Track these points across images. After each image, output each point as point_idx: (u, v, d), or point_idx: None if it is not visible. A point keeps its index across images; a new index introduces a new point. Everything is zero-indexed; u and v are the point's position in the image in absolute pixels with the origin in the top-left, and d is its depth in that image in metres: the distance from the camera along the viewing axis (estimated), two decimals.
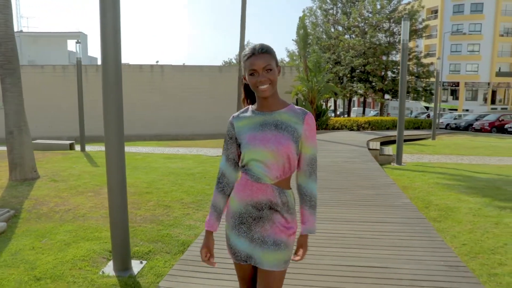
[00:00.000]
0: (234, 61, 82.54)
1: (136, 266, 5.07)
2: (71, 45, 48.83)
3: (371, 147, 15.48)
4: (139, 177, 10.30)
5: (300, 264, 4.24)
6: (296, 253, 2.33)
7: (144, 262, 5.19)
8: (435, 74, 40.93)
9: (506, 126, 32.49)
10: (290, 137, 2.23)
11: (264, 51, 2.20)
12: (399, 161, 13.33)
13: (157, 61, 30.67)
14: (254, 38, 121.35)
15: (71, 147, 17.82)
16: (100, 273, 4.86)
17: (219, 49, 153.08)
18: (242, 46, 23.87)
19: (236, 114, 2.39)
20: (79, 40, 17.89)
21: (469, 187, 9.33)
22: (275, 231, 2.25)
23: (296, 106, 2.33)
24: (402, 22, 13.25)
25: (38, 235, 6.14)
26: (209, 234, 2.38)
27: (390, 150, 15.47)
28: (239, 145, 2.35)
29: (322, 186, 8.48)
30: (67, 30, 49.40)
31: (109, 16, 4.60)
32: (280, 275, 2.27)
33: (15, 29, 9.53)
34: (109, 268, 4.99)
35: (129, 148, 19.31)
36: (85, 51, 49.80)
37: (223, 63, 79.65)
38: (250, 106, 2.40)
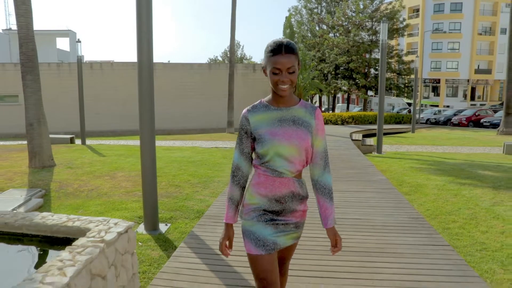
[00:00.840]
0: (220, 58, 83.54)
1: (163, 227, 6.27)
2: (60, 43, 49.40)
3: (354, 138, 16.85)
4: None
5: None
6: (335, 245, 2.46)
7: (169, 224, 6.39)
8: (412, 71, 42.61)
9: (481, 120, 34.21)
10: (307, 132, 2.33)
11: (290, 52, 2.22)
12: (379, 150, 14.68)
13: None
14: (240, 35, 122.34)
15: (72, 140, 18.81)
16: (135, 231, 6.06)
17: (203, 46, 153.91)
18: (232, 46, 25.14)
19: (249, 108, 2.41)
20: (79, 39, 18.92)
21: (438, 170, 10.71)
22: (295, 216, 2.42)
23: (304, 101, 2.43)
24: (381, 24, 14.58)
25: (73, 208, 7.30)
26: (229, 227, 2.45)
27: (371, 141, 16.85)
28: (253, 139, 2.39)
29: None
30: (56, 28, 49.87)
31: (144, 21, 5.80)
32: (296, 246, 2.59)
33: (4, 27, 10.41)
34: (141, 229, 6.18)
35: (126, 142, 20.42)
36: (74, 49, 50.43)
37: (209, 61, 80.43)
38: (261, 99, 2.44)
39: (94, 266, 2.64)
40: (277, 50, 2.20)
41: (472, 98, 69.96)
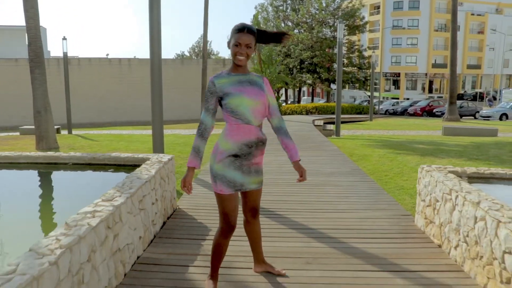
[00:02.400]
0: (187, 53, 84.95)
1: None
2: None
3: (316, 124, 19.17)
4: (138, 146, 13.35)
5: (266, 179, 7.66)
6: (300, 176, 3.11)
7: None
8: (375, 65, 45.46)
9: (434, 110, 37.25)
10: (262, 91, 2.99)
11: (250, 32, 2.89)
12: (337, 134, 16.97)
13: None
14: (209, 32, 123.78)
15: (58, 131, 20.34)
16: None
17: (167, 42, 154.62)
18: (205, 43, 27.01)
19: (214, 75, 3.04)
20: (65, 37, 20.47)
21: (383, 145, 13.08)
22: (256, 161, 3.05)
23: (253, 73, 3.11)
24: (338, 24, 16.85)
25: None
26: (191, 170, 2.99)
27: (331, 126, 19.19)
28: (218, 99, 2.99)
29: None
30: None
31: (155, 21, 7.76)
32: (261, 191, 3.21)
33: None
34: None
35: (109, 131, 22.08)
36: (44, 45, 51.04)
37: (176, 56, 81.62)
38: (223, 70, 3.08)
39: (160, 173, 4.69)
40: (241, 29, 2.89)
41: (430, 91, 73.66)
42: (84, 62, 30.04)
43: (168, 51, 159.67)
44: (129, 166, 5.17)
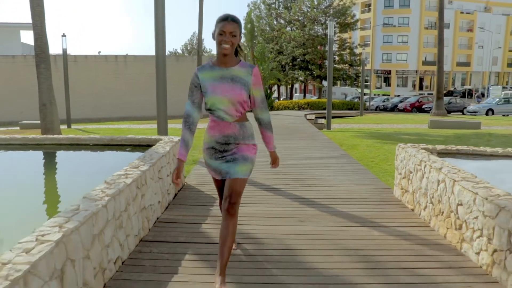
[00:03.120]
0: (179, 51, 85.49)
1: None
2: (24, 37, 49.82)
3: (308, 118, 19.96)
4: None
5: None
6: (273, 163, 3.36)
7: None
8: (365, 62, 46.32)
9: (423, 106, 38.16)
10: (242, 87, 2.97)
11: (234, 21, 2.91)
12: (328, 127, 17.73)
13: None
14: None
15: None
16: None
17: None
18: (200, 41, 27.69)
19: (199, 67, 3.06)
20: (64, 34, 21.03)
21: (371, 136, 13.86)
22: (243, 150, 3.08)
23: (245, 62, 3.06)
24: (329, 22, 17.60)
25: None
26: (180, 162, 3.01)
27: (322, 120, 19.98)
28: (202, 92, 3.01)
29: (276, 133, 12.97)
30: (20, 21, 50.50)
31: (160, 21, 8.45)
32: (245, 181, 3.09)
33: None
34: None
35: (107, 126, 22.70)
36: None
37: (169, 53, 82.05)
38: (210, 60, 3.08)
39: (173, 150, 5.41)
40: (225, 18, 2.90)
41: (421, 88, 74.69)
42: (81, 59, 30.50)
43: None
44: (143, 146, 5.87)
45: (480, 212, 3.38)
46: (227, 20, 2.90)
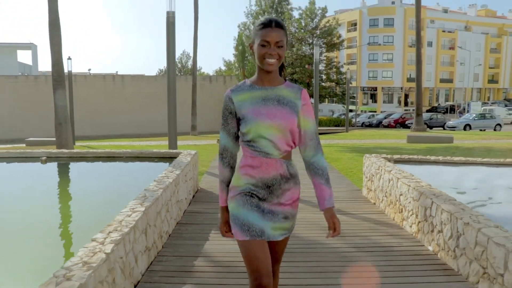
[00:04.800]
0: None
1: None
2: (22, 56, 51.38)
3: None
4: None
5: None
6: (333, 230, 2.33)
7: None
8: (351, 80, 48.43)
9: (406, 122, 40.13)
10: (293, 112, 2.28)
11: (280, 26, 2.23)
12: None
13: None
14: (190, 47, 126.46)
15: None
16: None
17: (147, 56, 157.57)
18: (195, 62, 29.43)
19: (232, 87, 2.37)
20: (70, 57, 22.64)
21: (352, 151, 15.57)
22: (284, 204, 2.33)
23: (291, 82, 2.39)
24: (315, 47, 19.43)
25: None
26: (225, 210, 2.42)
27: None
28: (238, 120, 2.32)
29: None
30: (17, 41, 52.09)
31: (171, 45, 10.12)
32: (287, 240, 2.46)
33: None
34: None
35: (108, 143, 24.20)
36: (35, 62, 52.77)
37: (159, 71, 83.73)
38: (246, 79, 2.40)
39: (193, 161, 7.02)
40: (267, 24, 2.22)
41: (406, 104, 76.97)
42: (80, 79, 32.16)
43: (145, 65, 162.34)
44: (167, 158, 7.47)
45: (411, 197, 5.04)
46: (271, 25, 2.23)
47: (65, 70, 24.52)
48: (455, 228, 3.93)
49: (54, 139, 22.87)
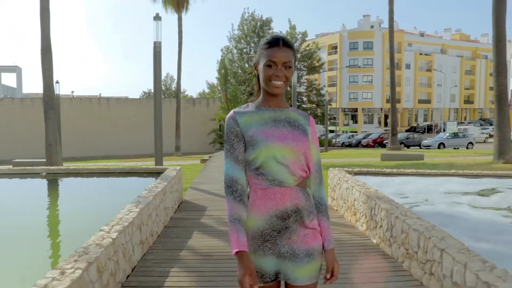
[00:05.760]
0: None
1: None
2: (6, 79, 51.92)
3: None
4: None
5: None
6: (329, 272, 2.06)
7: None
8: (330, 102, 49.97)
9: (384, 141, 41.53)
10: (305, 135, 2.04)
11: (287, 46, 2.05)
12: None
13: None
14: (173, 70, 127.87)
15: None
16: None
17: (131, 78, 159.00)
18: (179, 85, 30.45)
19: (236, 109, 2.10)
20: (58, 81, 23.48)
21: (327, 168, 16.58)
22: (306, 240, 2.01)
23: (295, 108, 2.21)
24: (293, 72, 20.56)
25: None
26: (244, 256, 1.90)
27: None
28: (245, 144, 2.02)
29: None
30: (2, 64, 52.66)
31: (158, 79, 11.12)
32: (315, 286, 2.05)
33: None
34: None
35: (95, 163, 24.89)
36: (20, 84, 53.31)
37: (143, 94, 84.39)
38: (249, 103, 2.15)
39: (178, 175, 7.95)
40: (274, 43, 2.02)
41: (386, 124, 78.49)
42: (66, 101, 32.87)
43: (129, 87, 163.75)
44: (155, 173, 8.38)
45: (362, 201, 6.04)
46: (279, 45, 2.04)
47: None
48: (390, 222, 4.93)
49: (41, 160, 23.65)
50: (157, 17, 11.08)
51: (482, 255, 3.41)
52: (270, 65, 2.00)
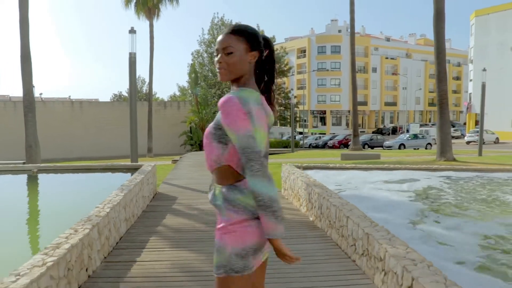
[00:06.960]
0: (125, 93, 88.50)
1: None
2: None
3: None
4: None
5: None
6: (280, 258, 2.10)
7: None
8: (299, 104, 51.76)
9: (349, 143, 43.45)
10: (213, 134, 2.08)
11: (232, 32, 2.00)
12: None
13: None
14: (145, 72, 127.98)
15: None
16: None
17: (99, 81, 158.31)
18: (150, 89, 31.52)
19: (237, 97, 2.04)
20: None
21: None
22: (215, 232, 2.06)
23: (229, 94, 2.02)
24: None
25: None
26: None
27: None
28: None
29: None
30: None
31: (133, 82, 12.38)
32: (218, 282, 2.02)
33: None
34: None
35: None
36: None
37: (113, 96, 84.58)
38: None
39: (153, 170, 9.26)
40: (224, 30, 2.03)
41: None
42: (40, 104, 33.47)
43: (98, 89, 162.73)
44: (132, 169, 9.66)
45: (303, 189, 7.50)
46: (225, 31, 2.03)
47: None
48: (320, 202, 6.40)
49: (17, 162, 24.45)
50: (132, 31, 12.35)
51: (376, 221, 4.89)
52: (216, 53, 2.05)
